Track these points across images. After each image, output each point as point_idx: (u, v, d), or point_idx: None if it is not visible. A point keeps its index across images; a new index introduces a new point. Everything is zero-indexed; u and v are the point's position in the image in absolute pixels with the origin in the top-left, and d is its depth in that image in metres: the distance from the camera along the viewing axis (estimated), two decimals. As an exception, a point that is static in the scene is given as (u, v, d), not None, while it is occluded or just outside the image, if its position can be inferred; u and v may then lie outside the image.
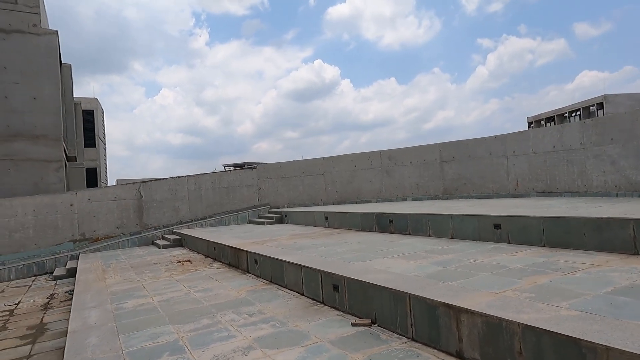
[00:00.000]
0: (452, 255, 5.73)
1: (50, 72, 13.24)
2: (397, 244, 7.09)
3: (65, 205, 12.36)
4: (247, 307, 5.26)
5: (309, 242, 8.26)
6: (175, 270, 8.46)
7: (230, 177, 14.84)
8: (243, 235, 10.38)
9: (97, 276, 8.42)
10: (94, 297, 6.54)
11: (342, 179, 14.68)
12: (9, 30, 12.75)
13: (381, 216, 9.00)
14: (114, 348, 4.13)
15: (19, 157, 12.76)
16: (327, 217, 10.98)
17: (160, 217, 13.85)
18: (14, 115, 12.71)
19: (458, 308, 3.34)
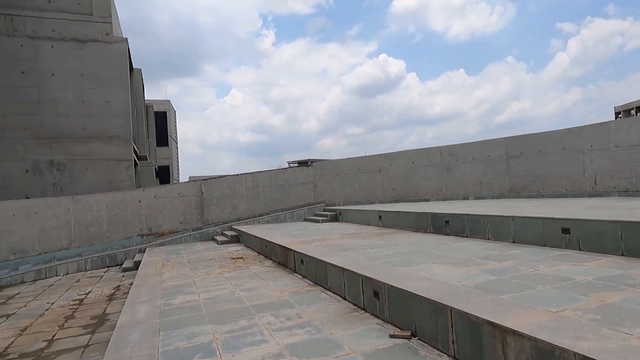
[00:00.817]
0: (509, 262, 5.17)
1: (121, 77, 14.17)
2: (450, 248, 6.59)
3: (134, 202, 13.17)
4: (286, 310, 5.14)
5: (358, 242, 7.99)
6: (227, 267, 8.62)
7: (287, 175, 14.93)
8: (295, 234, 10.35)
9: (156, 270, 8.81)
10: (148, 291, 6.81)
11: (400, 176, 14.17)
12: (85, 40, 13.83)
13: (436, 216, 8.48)
14: (151, 346, 4.20)
15: (94, 157, 13.83)
16: (380, 216, 10.62)
17: (220, 214, 14.29)
18: (90, 119, 13.78)
19: (504, 328, 2.92)
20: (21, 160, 13.06)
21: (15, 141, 13.02)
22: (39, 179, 13.21)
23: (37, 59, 13.27)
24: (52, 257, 11.86)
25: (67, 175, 13.53)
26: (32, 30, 13.32)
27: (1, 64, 12.95)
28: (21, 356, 5.60)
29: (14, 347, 5.98)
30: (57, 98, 13.45)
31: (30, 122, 13.16)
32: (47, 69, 13.38)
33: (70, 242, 12.15)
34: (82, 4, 13.87)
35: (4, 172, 12.91)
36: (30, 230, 11.52)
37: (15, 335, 6.50)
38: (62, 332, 6.55)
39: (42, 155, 13.27)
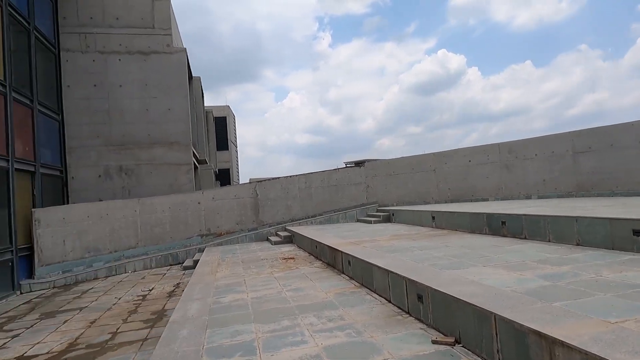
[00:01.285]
0: (569, 266, 4.77)
1: (181, 85, 14.97)
2: (505, 250, 6.21)
3: (194, 203, 13.82)
4: (330, 311, 5.12)
5: (408, 244, 7.79)
6: (278, 267, 8.77)
7: (339, 176, 14.93)
8: (345, 235, 10.31)
9: (211, 269, 9.18)
10: (202, 289, 7.10)
11: (455, 175, 13.62)
12: (148, 52, 14.77)
13: (492, 217, 8.04)
14: (198, 342, 4.37)
15: (157, 162, 14.72)
16: (434, 217, 10.28)
17: (274, 215, 14.59)
18: (153, 126, 14.68)
19: (552, 339, 2.69)
20: (94, 166, 14.22)
21: (89, 149, 14.20)
22: (109, 183, 14.31)
23: (106, 72, 14.39)
24: (121, 256, 12.78)
25: (134, 179, 14.52)
26: (102, 46, 14.46)
27: (77, 79, 14.20)
28: (88, 346, 6.07)
29: (83, 337, 6.50)
30: (124, 107, 14.49)
31: (102, 131, 14.29)
32: (115, 81, 14.47)
33: (137, 242, 13.01)
34: (145, 18, 14.83)
35: (81, 177, 14.13)
36: (102, 230, 12.49)
37: (85, 327, 7.07)
38: (125, 325, 7.02)
39: (112, 161, 14.36)
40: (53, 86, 13.69)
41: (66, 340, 6.43)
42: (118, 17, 14.63)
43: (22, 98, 11.29)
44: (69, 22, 14.28)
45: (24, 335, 6.90)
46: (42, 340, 6.51)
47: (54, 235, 11.63)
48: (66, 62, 14.16)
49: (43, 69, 13.04)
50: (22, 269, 10.85)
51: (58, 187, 13.60)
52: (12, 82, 10.67)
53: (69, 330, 6.98)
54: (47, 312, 8.41)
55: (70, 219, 11.98)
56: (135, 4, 14.79)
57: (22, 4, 11.70)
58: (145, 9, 14.83)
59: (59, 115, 13.79)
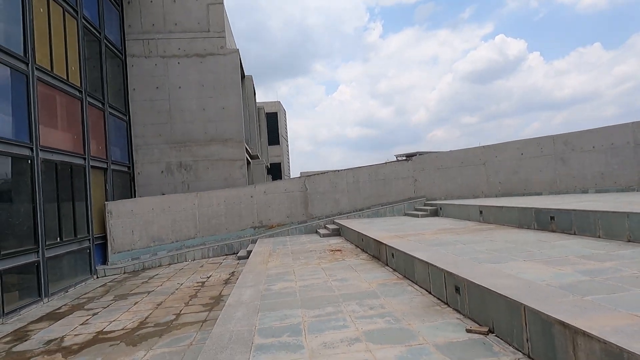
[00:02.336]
0: (612, 263, 4.74)
1: (234, 85, 15.74)
2: (550, 245, 6.18)
3: (247, 197, 14.58)
4: (371, 300, 5.43)
5: (452, 238, 7.89)
6: (325, 259, 9.18)
7: (386, 170, 15.07)
8: (391, 228, 10.51)
9: (263, 259, 9.77)
10: (254, 277, 7.66)
11: (506, 168, 13.31)
12: (204, 54, 15.66)
13: (540, 212, 7.93)
14: (251, 323, 4.86)
15: (214, 158, 15.64)
16: (481, 211, 10.21)
17: (323, 208, 15.03)
18: (210, 124, 15.60)
19: (574, 329, 2.85)
20: (157, 163, 15.38)
21: (153, 147, 15.38)
22: (171, 178, 15.42)
23: (167, 74, 15.46)
24: (182, 245, 13.80)
25: (193, 174, 15.54)
26: (163, 51, 15.54)
27: (142, 82, 15.39)
28: (156, 325, 6.82)
29: (152, 317, 7.28)
30: (184, 107, 15.50)
31: (164, 130, 15.40)
32: (175, 82, 15.50)
33: (196, 232, 13.98)
34: (202, 23, 15.72)
35: (145, 173, 15.35)
36: (165, 221, 13.56)
37: (152, 309, 7.89)
38: (187, 308, 7.75)
39: (173, 157, 15.45)
40: (120, 89, 14.94)
41: (137, 319, 7.24)
42: (177, 22, 15.63)
43: (95, 102, 12.49)
44: (134, 29, 15.47)
45: (102, 314, 7.83)
46: (117, 319, 7.37)
47: (123, 226, 12.82)
48: (132, 67, 15.38)
49: (112, 74, 14.28)
50: (97, 256, 12.09)
51: (126, 182, 14.88)
52: (87, 88, 11.85)
53: (139, 310, 7.82)
54: (120, 295, 9.40)
55: (138, 211, 13.12)
56: (192, 9, 15.72)
57: (94, 16, 12.90)
58: (201, 14, 15.71)
59: (126, 116, 15.04)
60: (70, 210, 10.58)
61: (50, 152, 9.68)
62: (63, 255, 10.01)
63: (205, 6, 15.73)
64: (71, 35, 11.21)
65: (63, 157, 10.28)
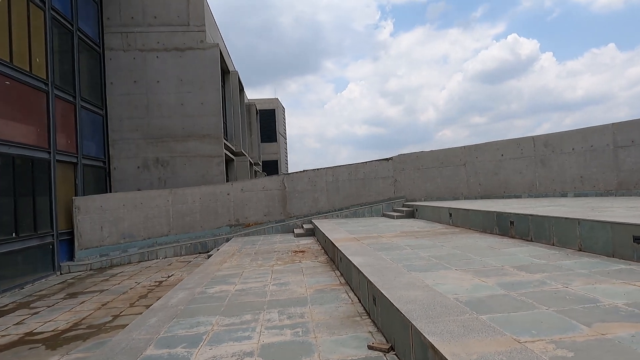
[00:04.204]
0: (544, 275, 4.36)
1: (213, 80, 15.45)
2: (496, 253, 5.80)
3: (223, 194, 14.29)
4: (296, 308, 5.10)
5: (406, 242, 7.52)
6: (283, 260, 8.85)
7: (366, 169, 14.69)
8: (357, 230, 10.16)
9: (222, 260, 9.47)
10: (198, 279, 7.36)
11: (486, 170, 12.88)
12: (183, 48, 15.39)
13: (501, 216, 7.54)
14: (156, 331, 4.55)
15: (191, 154, 15.37)
16: (450, 214, 9.83)
17: (302, 207, 14.70)
18: (188, 119, 15.33)
19: (441, 355, 2.49)
20: (134, 158, 15.15)
21: (129, 142, 15.15)
22: (147, 174, 15.18)
23: (145, 68, 15.20)
24: (154, 242, 13.56)
25: (170, 170, 15.29)
26: (142, 44, 15.29)
27: (119, 76, 15.15)
28: (89, 327, 6.54)
29: (89, 318, 7.02)
30: (162, 102, 15.25)
31: (141, 124, 15.16)
32: (154, 76, 15.25)
33: (169, 230, 13.73)
34: (181, 16, 15.44)
35: (121, 168, 15.13)
36: (137, 218, 13.32)
37: (95, 309, 7.62)
38: (130, 309, 7.47)
39: (149, 153, 15.21)
40: (98, 83, 14.72)
41: (74, 320, 6.98)
42: (156, 15, 15.36)
43: (65, 95, 12.26)
44: (112, 22, 15.23)
45: (43, 313, 7.59)
46: (54, 319, 7.12)
47: (92, 222, 12.60)
48: (109, 60, 15.15)
49: (88, 67, 14.06)
50: (63, 252, 11.89)
51: (102, 177, 14.68)
52: (55, 80, 11.61)
53: (81, 310, 7.56)
54: (72, 293, 9.17)
55: (107, 207, 12.89)
56: (172, 2, 15.44)
57: (65, 8, 12.66)
58: (181, 7, 15.43)
59: (102, 110, 14.82)
60: (30, 205, 10.36)
61: (6, 146, 9.45)
62: (19, 250, 9.80)
63: None
64: (37, 26, 10.97)
65: (22, 150, 10.06)
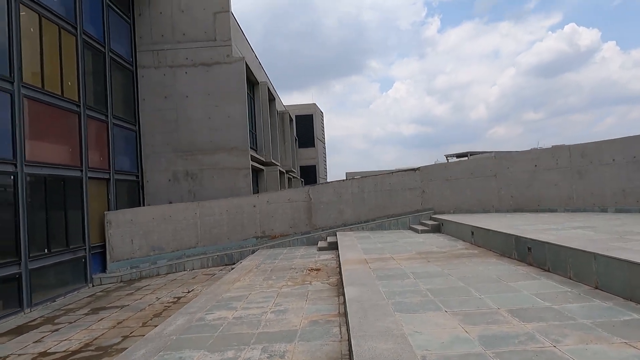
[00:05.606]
0: (538, 325, 3.92)
1: (239, 93, 15.66)
2: (503, 287, 5.34)
3: (249, 206, 14.43)
4: (280, 345, 4.95)
5: (415, 267, 7.15)
6: (293, 280, 8.73)
7: (393, 180, 14.28)
8: (375, 248, 9.86)
9: (236, 278, 9.50)
10: (203, 302, 7.39)
11: (519, 181, 12.09)
12: (210, 63, 15.72)
13: (520, 241, 6.98)
14: (136, 368, 4.57)
15: (219, 167, 15.66)
16: (473, 232, 9.28)
17: (327, 219, 14.53)
18: (215, 133, 15.64)
19: None
20: (165, 171, 15.67)
21: (161, 155, 15.68)
22: (177, 187, 15.64)
23: (175, 84, 15.68)
24: (182, 254, 13.92)
25: (198, 182, 15.66)
26: (171, 61, 15.79)
27: (151, 92, 15.74)
28: (97, 349, 6.76)
29: (100, 339, 7.25)
30: (190, 116, 15.66)
31: (171, 138, 15.65)
32: (183, 92, 15.69)
33: (197, 242, 14.04)
34: (208, 32, 15.78)
35: (154, 181, 15.70)
36: (166, 230, 13.74)
37: (110, 328, 7.88)
38: (140, 329, 7.65)
39: (179, 166, 15.66)
40: (131, 100, 15.36)
41: (86, 340, 7.25)
42: (185, 32, 15.80)
43: (97, 114, 12.88)
44: (144, 40, 15.84)
45: (62, 331, 7.95)
46: (69, 338, 7.43)
47: (123, 235, 13.14)
48: (142, 77, 15.77)
49: (120, 86, 14.71)
50: (96, 264, 12.48)
51: (135, 190, 15.29)
52: (87, 101, 12.22)
53: (96, 329, 7.84)
54: (95, 308, 9.56)
55: (138, 220, 13.40)
56: (199, 19, 15.82)
57: (98, 31, 13.31)
58: (208, 23, 15.77)
59: (135, 125, 15.45)
60: (62, 222, 10.95)
61: (37, 167, 10.04)
62: (51, 265, 10.37)
63: (212, 15, 15.77)
64: (68, 51, 11.60)
65: (54, 170, 10.64)
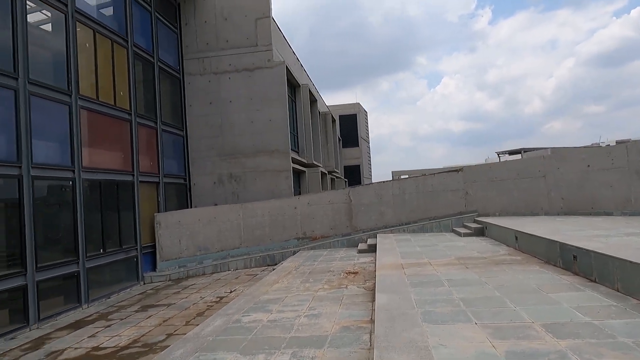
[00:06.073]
0: (573, 342, 3.71)
1: (280, 97, 15.94)
2: (541, 299, 5.10)
3: (290, 208, 14.68)
4: (311, 350, 5.03)
5: (451, 274, 6.98)
6: (330, 284, 8.79)
7: (434, 181, 13.98)
8: (413, 252, 9.71)
9: (275, 279, 9.71)
10: (242, 304, 7.63)
11: (570, 182, 11.42)
12: (252, 68, 16.11)
13: (564, 248, 6.62)
14: (173, 367, 4.83)
15: (261, 169, 16.03)
16: (517, 237, 8.90)
17: (367, 221, 14.49)
18: (257, 136, 16.02)
19: None
20: (210, 174, 16.27)
21: (206, 159, 16.31)
22: (222, 189, 16.19)
23: (219, 90, 16.23)
24: (227, 254, 14.41)
25: (242, 185, 16.12)
26: (215, 67, 16.36)
27: (197, 98, 16.40)
28: (143, 345, 7.18)
29: (147, 335, 7.70)
30: (233, 121, 16.15)
31: (216, 143, 16.23)
32: (226, 97, 16.21)
33: (240, 242, 14.48)
34: (250, 38, 16.19)
35: (200, 184, 16.35)
36: (211, 231, 14.28)
37: (156, 325, 8.33)
38: (184, 328, 8.02)
39: (224, 169, 16.21)
40: (178, 106, 16.09)
41: (134, 336, 7.72)
42: (228, 39, 16.31)
43: (147, 121, 13.62)
44: (190, 49, 16.53)
45: (114, 327, 8.50)
46: (120, 334, 7.93)
47: (171, 236, 13.81)
48: (188, 84, 16.47)
49: (169, 93, 15.45)
50: (147, 263, 13.21)
51: (183, 192, 16.01)
52: (138, 109, 12.96)
53: (144, 326, 8.32)
54: (145, 305, 10.14)
55: (185, 221, 14.03)
56: (242, 26, 16.27)
57: (147, 42, 14.06)
58: (250, 29, 16.18)
59: (182, 131, 16.16)
60: (116, 223, 11.69)
61: (93, 172, 10.79)
62: (106, 265, 11.11)
63: (253, 21, 16.16)
64: (120, 63, 12.35)
65: (108, 175, 11.39)
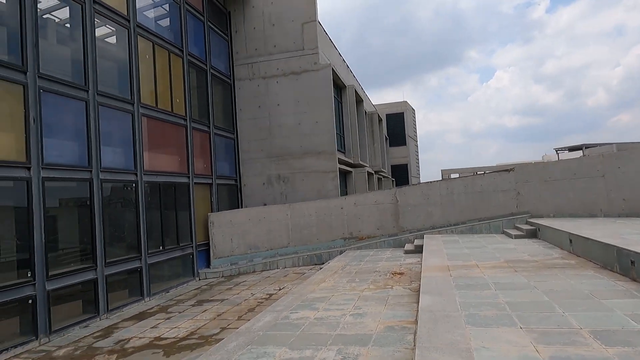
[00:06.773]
0: (621, 350, 3.65)
1: (327, 99, 16.21)
2: (593, 305, 4.96)
3: (337, 208, 14.93)
4: (355, 348, 5.22)
5: (499, 277, 6.89)
6: (375, 284, 8.92)
7: (484, 181, 13.66)
8: (459, 253, 9.61)
9: (322, 278, 9.97)
10: (290, 301, 7.95)
11: (633, 182, 10.76)
12: (299, 71, 16.51)
13: (621, 252, 6.35)
14: (229, 358, 5.20)
15: (307, 170, 16.39)
16: (571, 240, 8.57)
17: (414, 221, 14.43)
18: (304, 138, 16.39)
19: None
20: (259, 175, 16.86)
21: (256, 161, 16.92)
22: (271, 189, 16.73)
23: (267, 94, 16.78)
24: (275, 253, 14.90)
25: (290, 185, 16.57)
26: (264, 72, 16.92)
27: (246, 102, 17.05)
28: (200, 337, 7.71)
29: (203, 328, 8.23)
30: (281, 123, 16.63)
31: (265, 145, 16.80)
32: (274, 100, 16.73)
33: (288, 242, 14.92)
34: (297, 42, 16.59)
35: (250, 185, 16.99)
36: (260, 231, 14.83)
37: (211, 319, 8.87)
38: (236, 322, 8.49)
39: (272, 170, 16.74)
40: (229, 111, 16.82)
41: (191, 328, 8.27)
42: (276, 44, 16.82)
43: (201, 126, 14.38)
44: (240, 55, 17.21)
45: (173, 319, 9.14)
46: (178, 326, 8.53)
47: (223, 235, 14.49)
48: (239, 89, 17.16)
49: (220, 98, 16.19)
50: (202, 260, 13.97)
51: (234, 193, 16.72)
52: (192, 115, 13.73)
53: (200, 319, 8.88)
54: (200, 300, 10.77)
55: (236, 221, 14.66)
56: (289, 30, 16.71)
57: (201, 51, 14.85)
58: (297, 33, 16.58)
59: (233, 134, 16.87)
60: (173, 223, 12.48)
61: (153, 175, 11.60)
62: (165, 261, 11.91)
63: (300, 26, 16.55)
64: (176, 72, 13.15)
65: (166, 178, 12.19)
